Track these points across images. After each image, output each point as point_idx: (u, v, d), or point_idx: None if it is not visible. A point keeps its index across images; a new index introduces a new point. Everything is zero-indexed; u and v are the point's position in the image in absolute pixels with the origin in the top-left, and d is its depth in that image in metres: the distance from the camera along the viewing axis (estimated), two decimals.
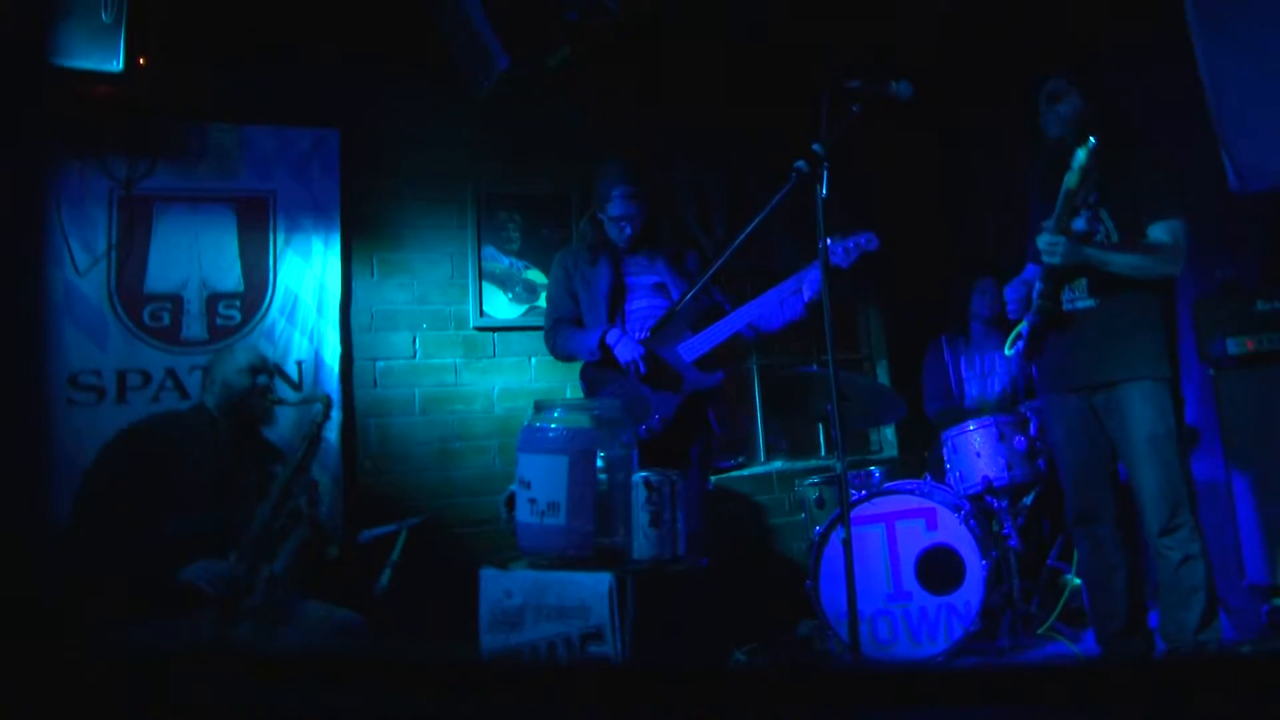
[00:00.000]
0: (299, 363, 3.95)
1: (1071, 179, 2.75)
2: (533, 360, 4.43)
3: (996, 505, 3.82)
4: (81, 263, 3.60)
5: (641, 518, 2.40)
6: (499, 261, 4.44)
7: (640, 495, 2.41)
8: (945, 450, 3.97)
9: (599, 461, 2.47)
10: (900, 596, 3.57)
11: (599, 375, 3.42)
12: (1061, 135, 2.98)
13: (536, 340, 4.19)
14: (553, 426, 2.46)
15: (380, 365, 4.16)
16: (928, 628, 3.52)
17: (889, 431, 5.37)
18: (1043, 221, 2.91)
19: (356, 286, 4.17)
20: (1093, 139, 2.69)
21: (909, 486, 3.79)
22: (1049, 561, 3.92)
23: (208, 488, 2.87)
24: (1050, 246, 2.85)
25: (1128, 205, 2.93)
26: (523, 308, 4.45)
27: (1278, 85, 3.14)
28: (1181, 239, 2.87)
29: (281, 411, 3.23)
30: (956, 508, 3.61)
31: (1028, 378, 4.18)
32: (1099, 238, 2.95)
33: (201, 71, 3.81)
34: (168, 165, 3.79)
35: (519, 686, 0.79)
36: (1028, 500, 3.92)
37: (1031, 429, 3.82)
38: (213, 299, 3.85)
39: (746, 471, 4.91)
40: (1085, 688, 0.70)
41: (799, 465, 4.98)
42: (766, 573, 4.68)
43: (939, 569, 3.56)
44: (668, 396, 3.34)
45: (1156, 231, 2.88)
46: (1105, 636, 3.10)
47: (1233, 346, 3.54)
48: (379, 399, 4.13)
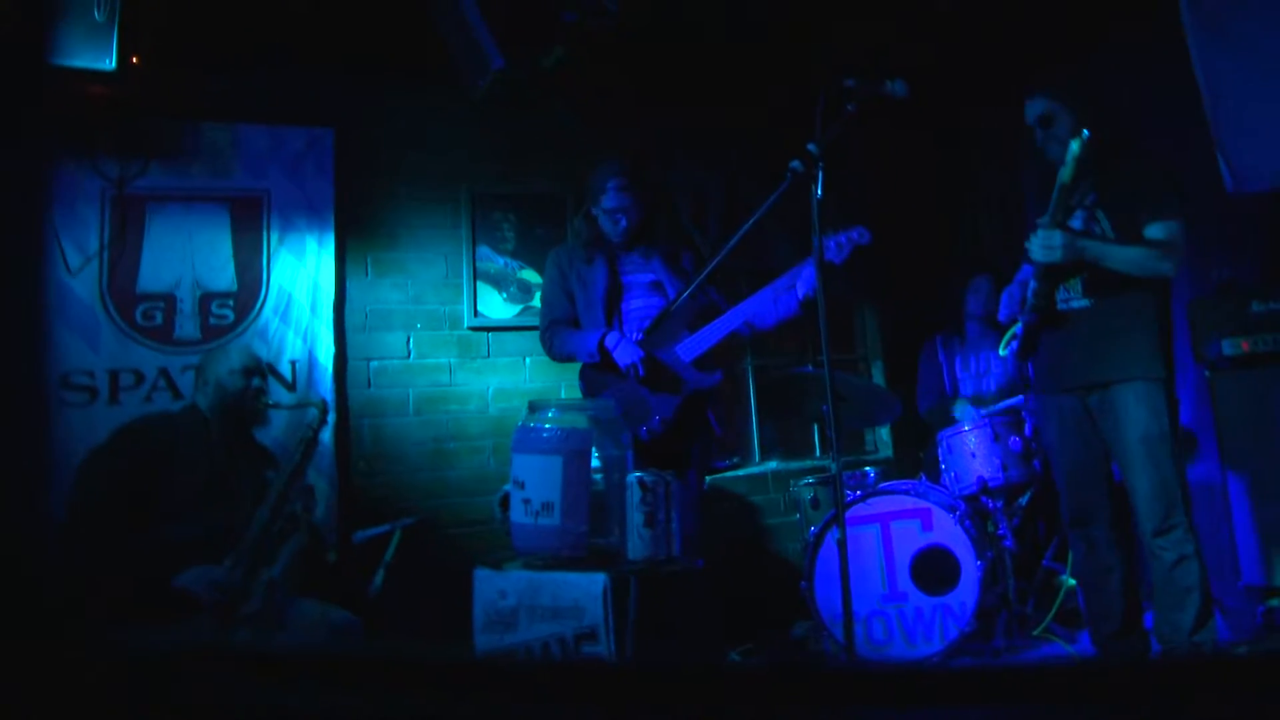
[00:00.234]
0: (293, 362, 3.93)
1: (1065, 172, 2.72)
2: (527, 360, 4.42)
3: (992, 506, 3.81)
4: (73, 262, 3.59)
5: (636, 518, 2.39)
6: (494, 261, 4.43)
7: (635, 495, 2.39)
8: (940, 450, 3.96)
9: (594, 462, 2.46)
10: (895, 597, 3.56)
11: (598, 377, 3.41)
12: (1061, 154, 2.93)
13: (531, 340, 4.17)
14: (547, 427, 2.45)
15: (374, 365, 4.15)
16: (923, 628, 3.51)
17: (884, 432, 5.36)
18: (1037, 219, 2.89)
19: (351, 286, 4.16)
20: (1086, 131, 2.68)
21: (904, 487, 3.77)
22: (1044, 562, 3.92)
23: (201, 490, 2.84)
24: (1047, 242, 2.82)
25: (1124, 206, 2.91)
26: (517, 308, 4.44)
27: (1273, 86, 3.14)
28: (1179, 239, 2.86)
29: (274, 413, 3.21)
30: (952, 508, 3.60)
31: (1023, 378, 4.18)
32: None
33: (195, 70, 3.80)
34: (161, 164, 3.79)
35: (513, 686, 0.79)
36: (1023, 501, 3.91)
37: (1027, 429, 3.81)
38: (206, 298, 3.84)
39: (742, 472, 4.90)
40: (1080, 688, 0.70)
41: (794, 465, 4.97)
42: (761, 573, 4.67)
43: (934, 570, 3.55)
44: (667, 398, 3.33)
45: (1154, 231, 2.86)
46: (1100, 637, 3.09)
47: (1228, 347, 3.53)
48: (373, 399, 4.13)
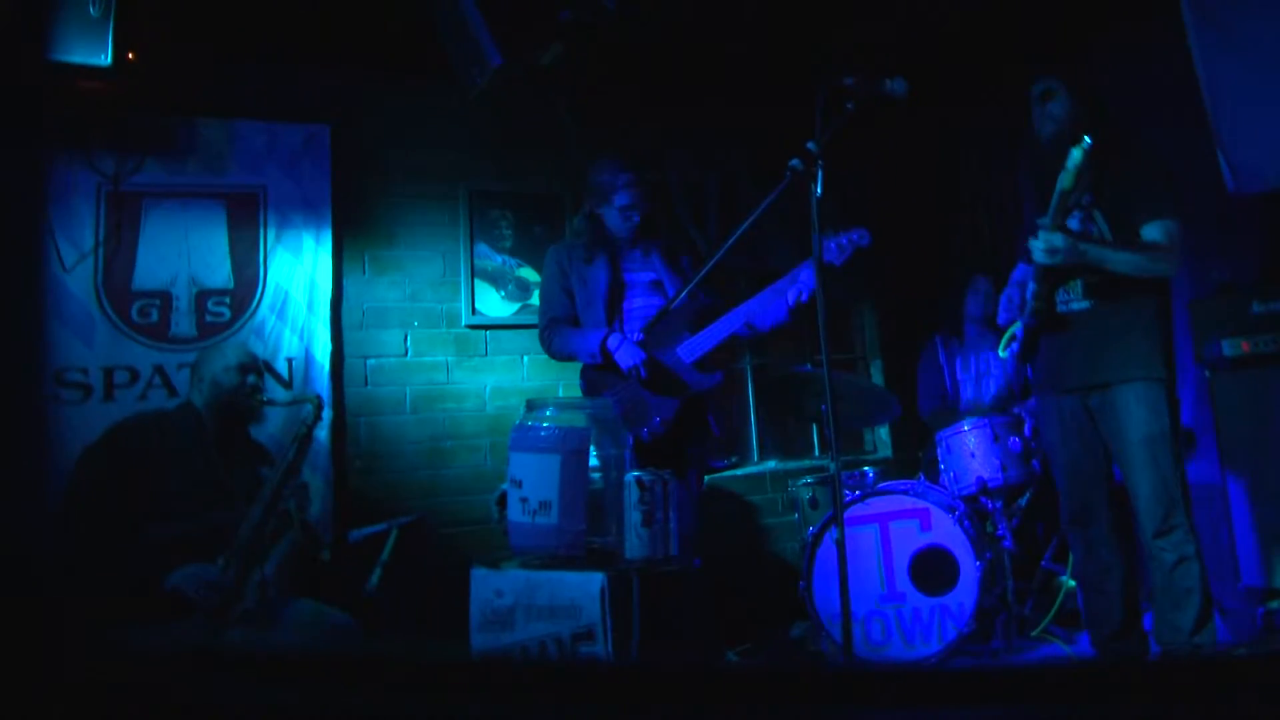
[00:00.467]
0: (289, 360, 3.92)
1: (1066, 179, 2.71)
2: (525, 359, 4.41)
3: (991, 506, 3.80)
4: (68, 259, 3.56)
5: (634, 517, 2.38)
6: (491, 259, 4.42)
7: (632, 495, 2.39)
8: (940, 451, 3.95)
9: (591, 460, 2.45)
10: (894, 598, 3.55)
11: (599, 378, 3.39)
12: (1054, 135, 2.94)
13: (529, 339, 4.16)
14: (545, 425, 2.44)
15: (371, 363, 4.14)
16: (921, 629, 3.50)
17: (883, 432, 5.35)
18: (1038, 220, 2.88)
19: (348, 283, 4.14)
20: (1088, 139, 2.66)
21: (903, 487, 3.76)
22: (1043, 563, 3.91)
23: (195, 488, 2.83)
24: (1048, 244, 2.81)
25: (1121, 206, 2.90)
26: (515, 306, 4.43)
27: (1275, 86, 3.13)
28: (1177, 239, 2.85)
29: (270, 411, 3.20)
30: (951, 508, 3.58)
31: (1023, 379, 4.16)
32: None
33: (191, 66, 3.78)
34: (157, 161, 3.77)
35: (509, 686, 0.78)
36: (1022, 501, 3.91)
37: (1026, 430, 3.80)
38: (202, 295, 3.82)
39: (740, 471, 4.89)
40: (1079, 690, 0.69)
41: (792, 465, 4.96)
42: (759, 573, 4.67)
43: (933, 570, 3.54)
44: (667, 399, 3.32)
45: (1151, 231, 2.85)
46: (1099, 638, 3.08)
47: (1228, 348, 3.51)
48: (370, 397, 4.11)
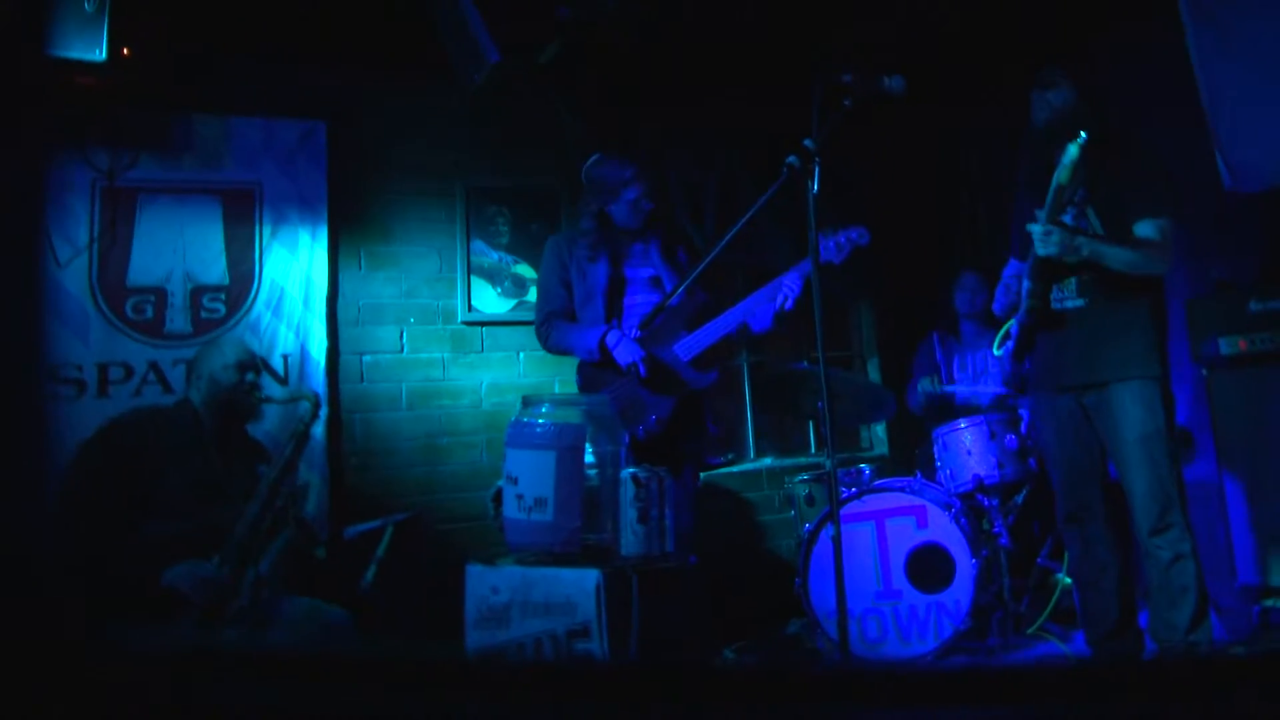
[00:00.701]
0: (285, 356, 3.91)
1: (1063, 174, 2.69)
2: (521, 355, 4.40)
3: (987, 503, 3.79)
4: (62, 255, 3.55)
5: (629, 514, 2.38)
6: (488, 256, 4.41)
7: (628, 491, 2.39)
8: (936, 448, 3.94)
9: (587, 457, 2.44)
10: (890, 595, 3.54)
11: (596, 374, 3.38)
12: (1049, 122, 2.91)
13: (525, 335, 4.15)
14: (540, 422, 2.43)
15: (367, 360, 4.13)
16: (917, 626, 3.49)
17: (879, 429, 5.34)
18: (1035, 210, 2.87)
19: (343, 280, 4.13)
20: (1084, 134, 2.66)
21: (899, 484, 3.75)
22: (1039, 560, 3.90)
23: (191, 486, 2.81)
24: (1044, 236, 2.79)
25: (1115, 203, 2.89)
26: (511, 302, 4.42)
27: (1273, 85, 3.13)
28: (1170, 236, 2.84)
29: (268, 408, 3.19)
30: (947, 506, 3.58)
31: (1020, 377, 4.15)
32: None
33: (187, 62, 3.77)
34: (151, 156, 3.76)
35: (505, 684, 0.78)
36: (1019, 499, 3.89)
37: (1023, 427, 3.79)
38: (197, 292, 3.81)
39: (736, 468, 4.88)
40: (1074, 688, 0.69)
41: (788, 462, 4.95)
42: (755, 570, 4.66)
43: (929, 567, 3.53)
44: (664, 397, 3.31)
45: (1144, 229, 2.84)
46: (1095, 636, 3.07)
47: (1225, 346, 3.51)
48: (365, 393, 4.10)
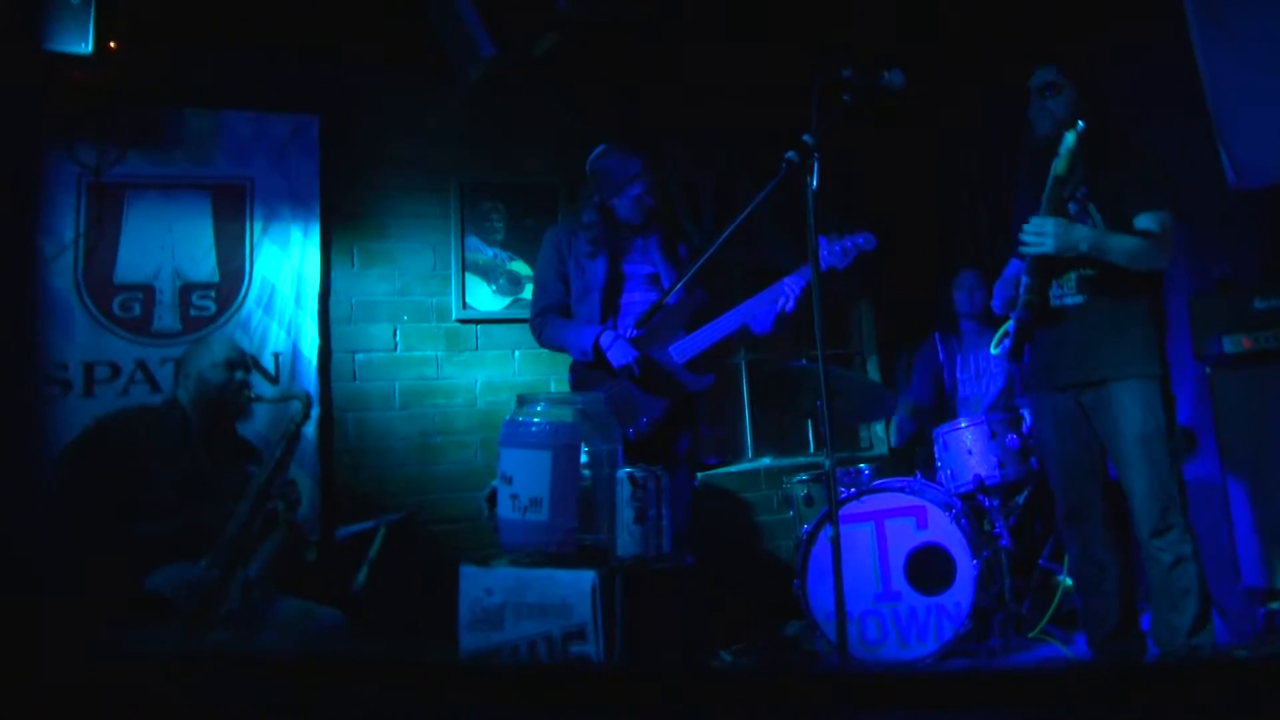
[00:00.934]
0: (276, 355, 3.87)
1: (1060, 164, 2.67)
2: (516, 354, 4.36)
3: (988, 504, 3.76)
4: (47, 251, 3.50)
5: (626, 514, 2.34)
6: (483, 252, 4.37)
7: (625, 491, 2.34)
8: (936, 448, 3.91)
9: (583, 457, 2.40)
10: (889, 596, 3.51)
11: (589, 374, 3.35)
12: (1051, 132, 2.87)
13: (520, 333, 4.11)
14: (536, 421, 2.39)
15: (360, 358, 4.09)
16: (917, 629, 3.46)
17: (879, 428, 5.31)
18: (1031, 213, 2.83)
19: (336, 277, 4.09)
20: (1081, 123, 2.62)
21: (899, 484, 3.73)
22: (1041, 562, 3.86)
23: (180, 487, 2.79)
24: (1038, 229, 2.74)
25: (1116, 197, 2.86)
26: (507, 300, 4.38)
27: (1277, 80, 3.09)
28: (1170, 230, 2.81)
29: (258, 407, 3.15)
30: (947, 506, 3.55)
31: (1023, 379, 4.11)
32: None
33: (176, 55, 3.72)
34: (140, 151, 3.71)
35: (499, 686, 0.77)
36: (1020, 499, 3.85)
37: (1025, 427, 3.75)
38: (186, 289, 3.77)
39: (734, 468, 4.85)
40: (1075, 691, 0.68)
41: (787, 462, 4.92)
42: (753, 571, 4.63)
43: (929, 569, 3.50)
44: (656, 400, 3.27)
45: (1144, 221, 2.81)
46: (1096, 639, 3.04)
47: (1229, 345, 3.47)
48: (358, 392, 4.06)
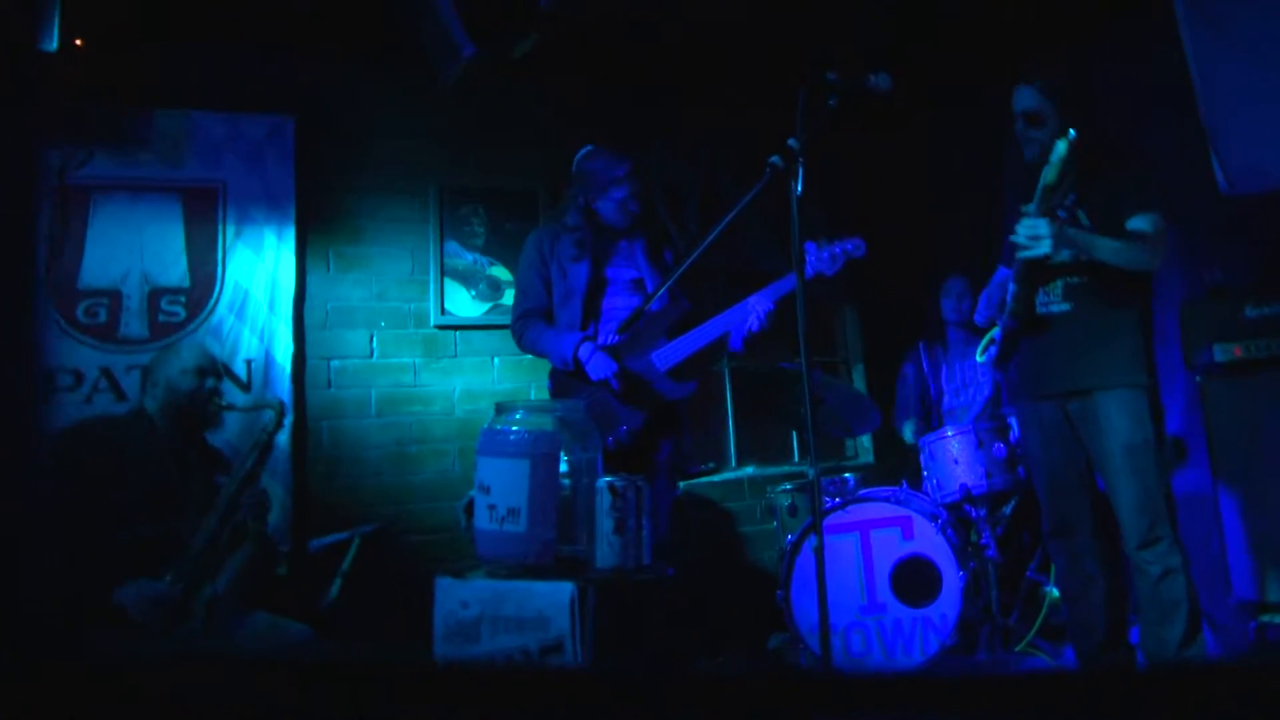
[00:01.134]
0: (248, 361, 3.78)
1: (1050, 173, 2.62)
2: (496, 360, 4.29)
3: (975, 514, 3.72)
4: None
5: (605, 525, 2.28)
6: (462, 257, 4.30)
7: (604, 501, 2.28)
8: (923, 457, 3.88)
9: (562, 466, 2.34)
10: (874, 608, 3.46)
11: (569, 382, 3.30)
12: (1037, 158, 2.82)
13: (500, 339, 4.05)
14: (514, 429, 2.33)
15: (335, 364, 4.01)
16: (903, 641, 3.42)
17: (865, 437, 5.27)
18: (1022, 208, 2.77)
19: (311, 282, 4.02)
20: (1072, 131, 2.57)
21: (884, 494, 3.68)
22: (1028, 573, 3.81)
23: (147, 499, 2.70)
24: (1032, 232, 2.69)
25: (1105, 202, 2.83)
26: (486, 305, 4.31)
27: (1270, 85, 3.07)
28: (1162, 231, 2.77)
29: (228, 415, 3.06)
30: (933, 516, 3.51)
31: (1009, 388, 4.07)
32: None
33: (145, 53, 3.63)
34: (107, 153, 3.63)
35: (476, 697, 0.76)
36: (1007, 510, 3.82)
37: (1011, 436, 3.71)
38: (155, 294, 3.67)
39: (717, 477, 4.80)
40: (1061, 702, 0.67)
41: (771, 471, 4.88)
42: (736, 583, 4.58)
43: (915, 580, 3.46)
44: (636, 409, 3.22)
45: (1137, 223, 2.77)
46: (1084, 652, 2.99)
47: (1219, 353, 3.44)
48: (333, 400, 3.98)
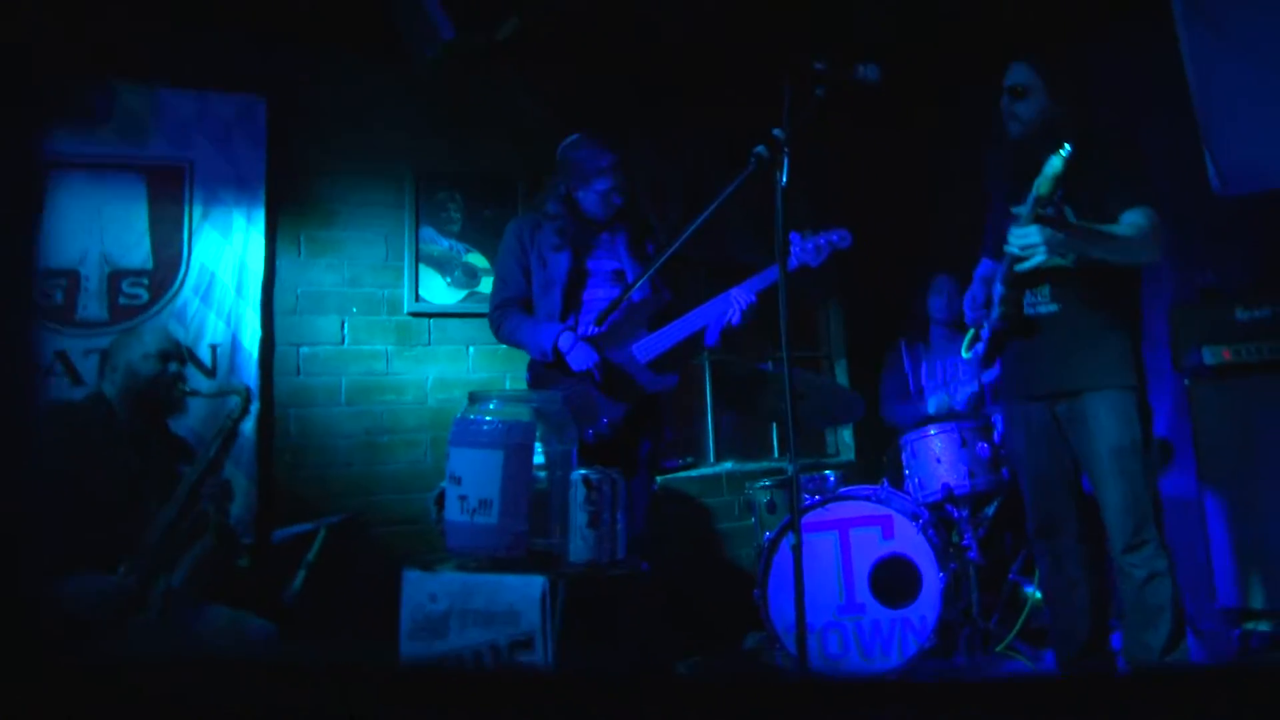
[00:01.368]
0: (213, 346, 3.68)
1: (1044, 185, 2.56)
2: (471, 349, 4.21)
3: (957, 515, 3.69)
4: None
5: (579, 518, 2.23)
6: (438, 243, 4.21)
7: (579, 494, 2.24)
8: (905, 455, 3.83)
9: (537, 458, 2.28)
10: (853, 609, 3.42)
11: (548, 374, 3.26)
12: (1021, 135, 2.81)
13: (475, 328, 3.98)
14: (487, 419, 2.27)
15: (304, 351, 3.91)
16: (881, 642, 3.38)
17: (846, 434, 5.25)
18: (1013, 209, 2.72)
19: (281, 266, 3.91)
20: (1068, 146, 2.51)
21: (865, 492, 3.64)
22: (1010, 576, 3.79)
23: (105, 488, 2.63)
24: (1027, 241, 2.61)
25: (1094, 199, 2.78)
26: (462, 293, 4.22)
27: (1266, 86, 3.03)
28: (1158, 225, 2.72)
29: (192, 402, 2.97)
30: (914, 516, 3.47)
31: (994, 387, 4.03)
32: None
33: (109, 25, 3.50)
34: (65, 128, 3.50)
35: (443, 696, 0.75)
36: (990, 510, 3.78)
37: (996, 436, 3.69)
38: (115, 275, 3.56)
39: (695, 472, 4.76)
40: (1040, 706, 0.67)
41: (750, 467, 4.84)
42: (713, 580, 4.53)
43: (894, 580, 3.42)
44: (617, 401, 3.16)
45: (1131, 217, 2.73)
46: (1065, 656, 2.96)
47: (1209, 356, 3.41)
48: (301, 387, 3.88)
